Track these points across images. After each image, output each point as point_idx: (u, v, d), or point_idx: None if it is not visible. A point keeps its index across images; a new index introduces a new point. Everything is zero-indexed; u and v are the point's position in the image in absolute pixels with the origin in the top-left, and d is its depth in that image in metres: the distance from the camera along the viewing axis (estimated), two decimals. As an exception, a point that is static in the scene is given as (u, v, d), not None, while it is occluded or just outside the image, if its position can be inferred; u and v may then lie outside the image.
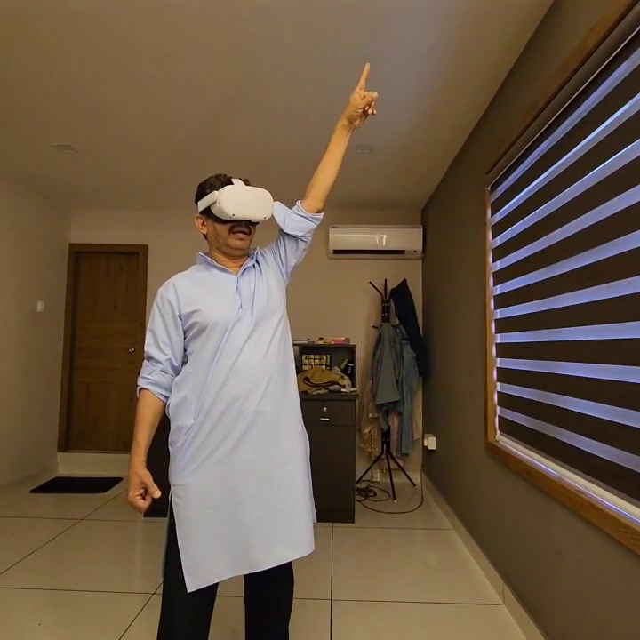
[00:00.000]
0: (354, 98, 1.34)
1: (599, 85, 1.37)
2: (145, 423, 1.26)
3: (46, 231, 3.85)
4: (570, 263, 1.54)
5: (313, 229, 1.44)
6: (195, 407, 1.24)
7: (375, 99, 1.34)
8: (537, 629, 1.67)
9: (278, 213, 1.41)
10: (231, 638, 1.75)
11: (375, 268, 4.04)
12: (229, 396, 1.22)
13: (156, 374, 1.29)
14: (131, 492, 1.21)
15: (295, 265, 1.47)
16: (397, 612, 1.94)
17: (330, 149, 1.40)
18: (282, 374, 1.31)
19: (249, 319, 1.28)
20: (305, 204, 1.42)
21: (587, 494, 1.39)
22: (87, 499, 3.32)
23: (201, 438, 1.22)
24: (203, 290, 1.31)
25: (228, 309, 1.28)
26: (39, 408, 3.78)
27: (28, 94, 2.28)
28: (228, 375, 1.23)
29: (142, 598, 2.02)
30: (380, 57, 1.95)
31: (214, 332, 1.26)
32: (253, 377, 1.25)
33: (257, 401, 1.24)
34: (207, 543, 1.19)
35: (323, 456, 2.96)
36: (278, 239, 1.46)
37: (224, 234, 1.32)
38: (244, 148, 2.86)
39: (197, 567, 1.18)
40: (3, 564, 2.30)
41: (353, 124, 1.38)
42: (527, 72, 1.88)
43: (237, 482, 1.21)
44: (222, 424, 1.22)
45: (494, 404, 2.23)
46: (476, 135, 2.55)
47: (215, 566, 1.19)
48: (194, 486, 1.21)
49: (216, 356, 1.24)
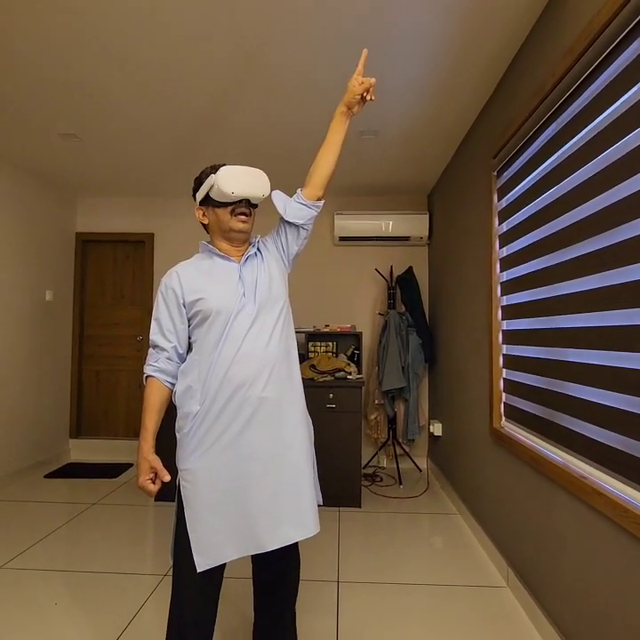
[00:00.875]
0: (352, 84, 1.33)
1: (607, 67, 1.34)
2: (152, 410, 1.28)
3: (53, 221, 3.87)
4: (577, 249, 1.52)
5: (314, 217, 1.44)
6: (200, 394, 1.26)
7: (373, 84, 1.33)
8: (540, 612, 1.70)
9: (278, 201, 1.42)
10: (241, 619, 1.80)
11: (381, 254, 4.02)
12: (234, 383, 1.24)
13: (161, 362, 1.31)
14: (141, 477, 1.24)
15: (296, 253, 1.47)
16: (403, 594, 1.98)
17: (329, 137, 1.40)
18: (285, 361, 1.33)
19: (252, 307, 1.30)
20: (305, 192, 1.42)
21: (590, 480, 1.40)
22: (99, 484, 3.40)
23: (207, 424, 1.25)
24: (206, 278, 1.32)
25: (230, 297, 1.29)
26: (51, 396, 3.85)
27: (32, 84, 2.27)
28: (232, 362, 1.25)
29: (154, 579, 2.08)
30: (385, 38, 1.92)
31: (218, 320, 1.27)
32: (257, 364, 1.26)
33: (261, 388, 1.26)
34: (215, 525, 1.22)
35: (329, 442, 2.99)
36: (279, 227, 1.46)
37: (226, 217, 1.32)
38: (249, 134, 2.84)
39: (206, 548, 1.21)
40: (19, 547, 2.37)
41: (351, 110, 1.37)
42: (534, 53, 1.84)
43: (243, 466, 1.24)
44: (228, 410, 1.24)
45: (500, 390, 2.23)
46: (482, 119, 2.51)
47: (223, 547, 1.22)
48: (201, 470, 1.24)
49: (219, 344, 1.26)
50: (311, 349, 3.71)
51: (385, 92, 2.33)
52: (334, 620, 1.79)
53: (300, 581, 1.46)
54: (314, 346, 3.73)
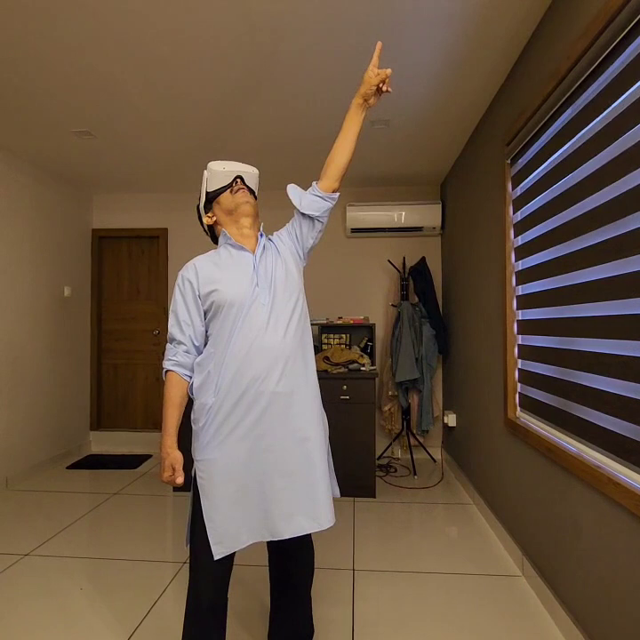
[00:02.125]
0: (367, 75, 1.33)
1: (625, 49, 1.31)
2: (173, 404, 1.31)
3: (70, 218, 3.93)
4: (592, 237, 1.50)
5: (329, 209, 1.44)
6: (215, 386, 1.28)
7: (389, 75, 1.32)
8: (555, 601, 1.70)
9: (293, 194, 1.43)
10: (258, 605, 1.84)
11: (393, 245, 4.00)
12: (248, 376, 1.26)
13: (180, 355, 1.33)
14: (164, 474, 1.29)
15: (312, 246, 1.48)
16: (418, 582, 2.00)
17: (344, 128, 1.40)
18: (300, 354, 1.33)
19: (266, 298, 1.31)
20: (320, 185, 1.42)
21: (605, 470, 1.39)
22: (119, 474, 3.48)
23: (222, 416, 1.27)
24: (221, 270, 1.34)
25: (244, 288, 1.30)
26: (71, 389, 3.94)
27: (46, 82, 2.30)
28: (247, 354, 1.26)
29: (174, 567, 2.13)
30: (397, 26, 1.90)
31: (231, 312, 1.28)
32: (271, 357, 1.27)
33: (275, 381, 1.27)
34: (231, 514, 1.25)
35: (343, 433, 3.01)
36: (294, 220, 1.47)
37: (228, 199, 1.39)
38: (262, 127, 2.84)
39: (223, 537, 1.24)
40: (45, 535, 2.45)
41: (367, 102, 1.37)
42: (549, 36, 1.80)
43: (258, 457, 1.26)
44: (243, 403, 1.26)
45: (515, 380, 2.22)
46: (495, 106, 2.47)
47: (238, 535, 1.25)
48: (217, 461, 1.26)
49: (233, 336, 1.27)
50: (324, 341, 3.72)
51: (396, 80, 2.30)
52: (350, 608, 1.82)
53: (314, 569, 1.48)
54: (327, 338, 3.74)
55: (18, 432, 3.31)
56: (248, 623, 1.73)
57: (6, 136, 2.95)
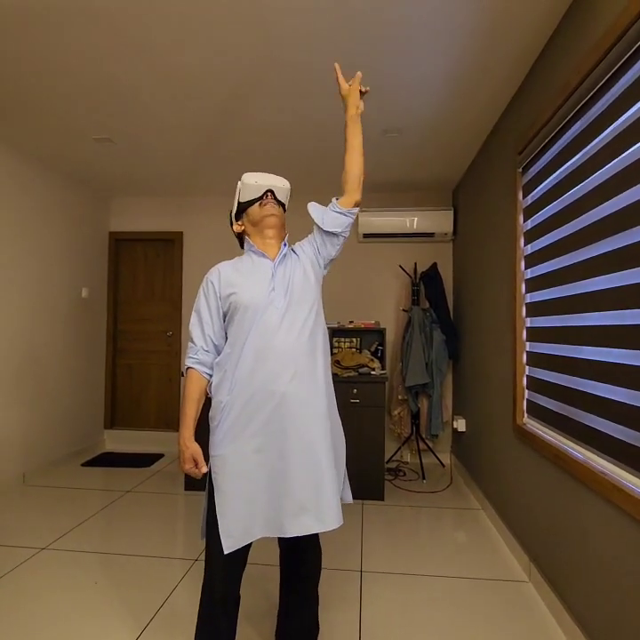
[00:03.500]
0: (344, 89, 1.50)
1: (633, 64, 1.34)
2: (191, 399, 1.37)
3: (89, 221, 4.04)
4: (600, 247, 1.52)
5: (350, 224, 1.51)
6: (230, 384, 1.34)
7: (360, 77, 1.48)
8: (562, 606, 1.72)
9: (315, 212, 1.50)
10: (269, 605, 1.88)
11: (405, 251, 4.03)
12: (260, 376, 1.31)
13: (200, 353, 1.39)
14: (186, 465, 1.34)
15: (334, 257, 1.54)
16: (425, 585, 2.03)
17: (348, 142, 1.49)
18: (312, 358, 1.37)
19: (281, 302, 1.36)
20: (342, 201, 1.50)
21: (610, 476, 1.41)
22: (133, 472, 3.56)
23: (234, 414, 1.32)
24: (242, 275, 1.42)
25: (260, 292, 1.36)
26: (87, 388, 4.04)
27: (69, 91, 2.39)
28: (259, 355, 1.32)
29: (186, 564, 2.19)
30: (407, 36, 1.94)
31: (247, 314, 1.34)
32: (283, 358, 1.32)
33: (286, 382, 1.32)
34: (241, 509, 1.30)
35: (353, 436, 3.04)
36: (315, 235, 1.52)
37: (256, 211, 1.45)
38: (277, 132, 2.90)
39: (233, 531, 1.29)
40: (61, 530, 2.53)
41: (360, 108, 1.48)
42: (560, 50, 1.82)
43: (268, 455, 1.31)
44: (254, 401, 1.31)
45: (523, 387, 2.24)
46: (507, 116, 2.49)
47: (248, 529, 1.30)
48: (230, 457, 1.31)
49: (248, 337, 1.33)
50: (335, 345, 3.76)
51: (408, 89, 2.35)
52: (357, 609, 1.85)
53: (321, 569, 1.52)
54: (338, 342, 3.78)
55: (35, 429, 3.40)
56: (257, 621, 1.78)
57: (29, 142, 3.05)
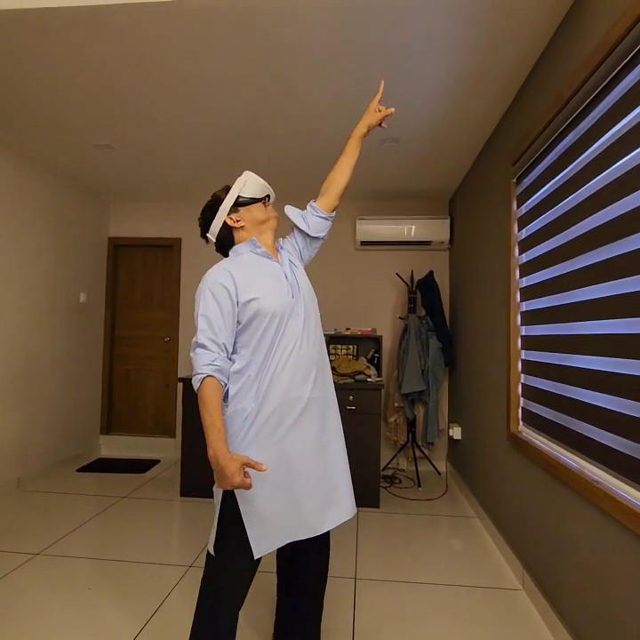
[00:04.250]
0: (372, 108, 1.53)
1: (623, 78, 1.37)
2: (219, 411, 1.25)
3: (88, 226, 4.06)
4: (593, 256, 1.55)
5: (330, 227, 1.57)
6: (255, 392, 1.31)
7: (390, 114, 1.52)
8: (554, 615, 1.72)
9: (296, 217, 1.52)
10: (264, 614, 1.88)
11: (402, 259, 4.06)
12: (288, 383, 1.33)
13: (220, 360, 1.28)
14: (237, 478, 1.16)
15: (311, 260, 1.61)
16: (419, 593, 2.02)
17: (347, 152, 1.53)
18: (324, 362, 1.44)
19: (301, 308, 1.39)
20: (321, 204, 1.52)
21: (603, 485, 1.42)
22: (128, 478, 3.55)
23: (261, 421, 1.30)
24: (257, 278, 1.35)
25: (283, 299, 1.35)
26: (83, 393, 4.03)
27: (70, 98, 2.42)
28: (287, 363, 1.33)
29: (180, 570, 2.18)
30: (406, 49, 1.98)
31: (273, 322, 1.32)
32: (307, 365, 1.36)
33: (310, 388, 1.36)
34: (270, 515, 1.30)
35: (349, 443, 3.01)
36: (296, 238, 1.55)
37: (261, 209, 1.45)
38: (275, 141, 2.93)
39: (263, 537, 1.29)
40: (55, 535, 2.52)
41: (370, 130, 1.54)
42: (553, 64, 1.86)
43: (292, 460, 1.32)
44: (281, 408, 1.32)
45: (518, 395, 2.25)
46: (502, 127, 2.53)
47: (277, 534, 1.31)
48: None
49: (275, 345, 1.32)
50: (332, 352, 3.78)
51: (406, 100, 2.39)
52: (351, 617, 1.85)
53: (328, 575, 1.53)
54: (335, 348, 3.80)
55: (31, 434, 3.40)
56: (256, 626, 1.77)
57: (30, 147, 3.08)
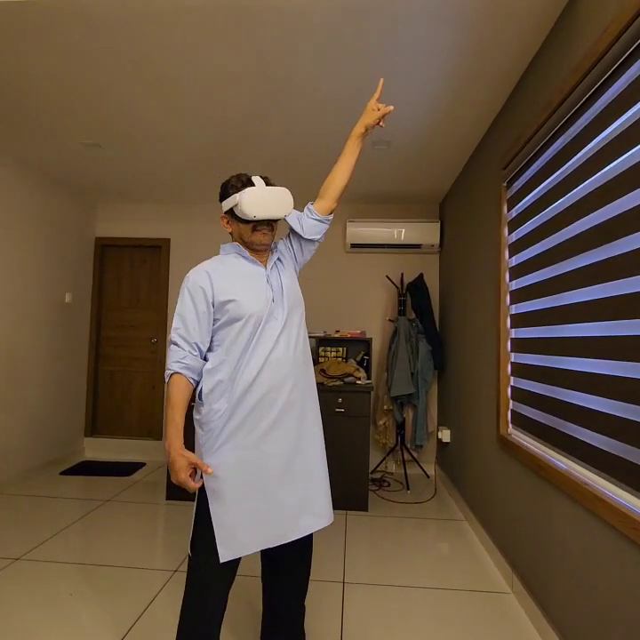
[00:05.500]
0: (370, 107, 1.47)
1: (613, 84, 1.38)
2: (181, 407, 1.29)
3: (74, 226, 3.99)
4: (584, 259, 1.56)
5: (326, 230, 1.55)
6: (229, 393, 1.31)
7: (390, 112, 1.47)
8: (544, 618, 1.72)
9: (291, 218, 1.49)
10: (250, 615, 1.85)
11: (392, 261, 4.07)
12: (264, 386, 1.31)
13: (189, 359, 1.31)
14: (182, 475, 1.22)
15: (307, 261, 1.60)
16: (408, 597, 2.01)
17: (346, 153, 1.51)
18: (305, 366, 1.43)
19: (281, 312, 1.38)
20: (318, 206, 1.51)
21: (592, 486, 1.43)
22: (112, 481, 3.48)
23: (236, 422, 1.30)
24: (236, 280, 1.36)
25: (261, 302, 1.35)
26: (67, 395, 3.96)
27: (58, 95, 2.38)
28: (264, 366, 1.32)
29: (165, 575, 2.14)
30: (398, 52, 1.98)
31: (249, 324, 1.32)
32: (286, 368, 1.35)
33: (288, 391, 1.35)
34: (240, 518, 1.28)
35: (338, 446, 3.03)
36: (292, 240, 1.55)
37: (247, 232, 1.39)
38: (266, 142, 2.92)
39: (231, 540, 1.27)
40: (36, 539, 2.45)
41: (367, 131, 1.50)
42: (543, 70, 1.88)
43: (267, 463, 1.31)
44: (257, 411, 1.31)
45: (507, 397, 2.26)
46: (493, 131, 2.55)
47: (246, 540, 1.28)
48: (229, 465, 1.29)
49: (250, 347, 1.32)
50: (321, 354, 3.76)
51: (398, 103, 2.39)
52: (339, 621, 1.83)
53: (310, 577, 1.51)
54: (324, 351, 3.78)
55: (12, 436, 3.31)
56: (241, 633, 1.74)
57: (16, 145, 3.02)
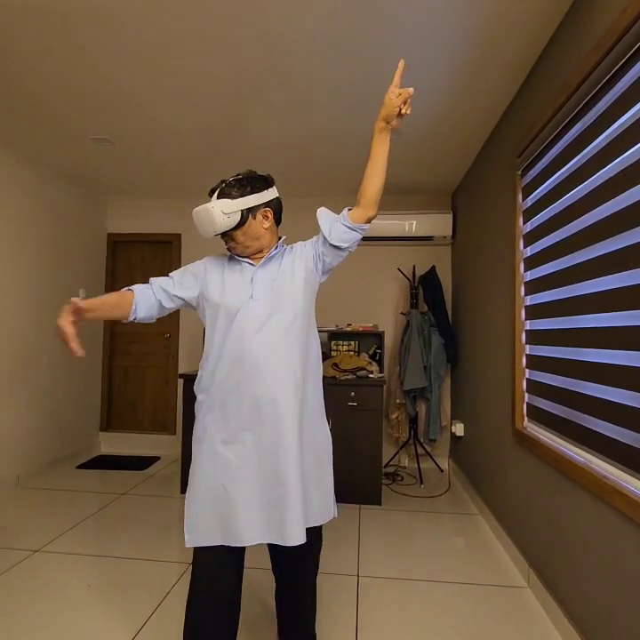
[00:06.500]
0: (388, 97, 1.28)
1: (635, 63, 1.33)
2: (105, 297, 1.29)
3: (87, 222, 4.02)
4: (600, 248, 1.51)
5: (358, 239, 1.40)
6: (206, 385, 1.34)
7: (411, 95, 1.27)
8: (561, 612, 1.69)
9: (324, 222, 1.39)
10: (267, 610, 1.85)
11: (404, 254, 4.02)
12: (234, 381, 1.29)
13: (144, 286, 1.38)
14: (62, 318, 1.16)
15: (335, 266, 1.45)
16: (423, 590, 2.00)
17: (372, 154, 1.36)
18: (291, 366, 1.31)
19: (260, 309, 1.31)
20: (354, 214, 1.37)
21: (611, 480, 1.39)
22: (127, 475, 3.52)
23: (211, 416, 1.32)
24: (222, 277, 1.39)
25: (238, 298, 1.33)
26: (83, 390, 4.00)
27: (67, 91, 2.38)
28: (236, 361, 1.29)
29: (181, 567, 2.15)
30: (408, 40, 1.94)
31: (222, 318, 1.33)
32: (260, 366, 1.27)
33: (261, 388, 1.27)
34: (203, 510, 1.27)
35: (350, 439, 3.02)
36: (320, 242, 1.41)
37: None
38: (274, 135, 2.89)
39: (194, 527, 1.28)
40: (54, 532, 2.49)
41: (390, 124, 1.32)
42: (561, 50, 1.82)
43: (237, 462, 1.27)
44: (228, 406, 1.30)
45: (522, 390, 2.22)
46: (506, 118, 2.50)
47: (207, 531, 1.27)
48: (199, 457, 1.31)
49: (224, 341, 1.32)
50: (333, 348, 3.74)
51: (408, 92, 2.34)
52: (354, 614, 1.83)
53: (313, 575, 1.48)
54: (336, 344, 3.76)
55: (30, 431, 3.37)
56: (253, 627, 1.74)
57: (27, 142, 3.04)
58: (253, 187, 1.36)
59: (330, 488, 1.41)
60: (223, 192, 1.33)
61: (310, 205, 2.72)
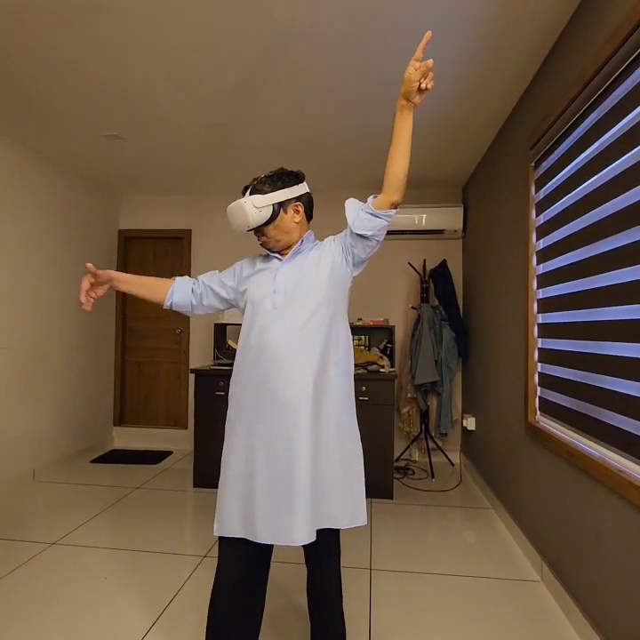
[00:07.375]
0: (408, 71, 1.19)
1: (652, 53, 1.31)
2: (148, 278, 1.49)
3: (98, 219, 4.06)
4: (614, 240, 1.49)
5: (385, 227, 1.34)
6: (235, 377, 1.40)
7: (430, 67, 1.17)
8: (575, 606, 1.69)
9: (350, 211, 1.36)
10: (293, 607, 1.87)
11: (414, 248, 4.00)
12: (254, 373, 1.33)
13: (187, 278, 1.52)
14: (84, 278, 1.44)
15: (366, 257, 1.42)
16: (435, 584, 2.00)
17: (394, 135, 1.28)
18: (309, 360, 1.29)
19: (280, 303, 1.34)
20: (377, 201, 1.33)
21: (627, 473, 1.38)
22: (141, 469, 3.57)
23: (236, 409, 1.36)
24: (254, 273, 1.46)
25: (261, 293, 1.38)
26: (96, 386, 4.06)
27: (78, 88, 2.40)
28: (255, 353, 1.33)
29: (195, 560, 2.18)
30: (419, 30, 1.92)
31: (249, 312, 1.40)
32: (276, 359, 1.28)
33: (275, 382, 1.28)
34: (228, 500, 1.31)
35: (362, 434, 2.99)
36: (348, 234, 1.39)
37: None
38: (286, 129, 2.89)
39: (222, 517, 1.31)
40: (70, 525, 2.54)
41: (412, 101, 1.23)
42: (575, 40, 1.79)
43: (254, 454, 1.29)
44: (249, 400, 1.33)
45: (535, 384, 2.21)
46: (519, 110, 2.46)
47: (231, 522, 1.30)
48: (231, 447, 1.35)
49: (248, 335, 1.37)
50: (344, 343, 3.74)
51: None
52: (367, 606, 1.84)
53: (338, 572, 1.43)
54: (346, 339, 3.76)
55: (45, 426, 3.42)
56: (283, 624, 1.77)
57: (38, 139, 3.07)
58: (284, 182, 1.39)
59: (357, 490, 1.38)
60: (255, 188, 1.38)
61: (335, 200, 2.71)
